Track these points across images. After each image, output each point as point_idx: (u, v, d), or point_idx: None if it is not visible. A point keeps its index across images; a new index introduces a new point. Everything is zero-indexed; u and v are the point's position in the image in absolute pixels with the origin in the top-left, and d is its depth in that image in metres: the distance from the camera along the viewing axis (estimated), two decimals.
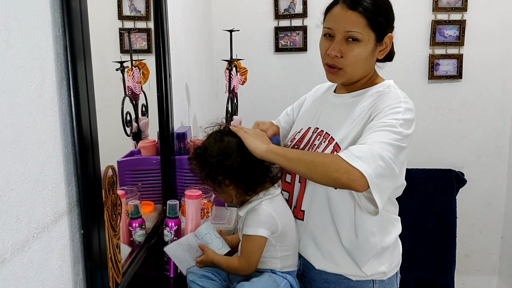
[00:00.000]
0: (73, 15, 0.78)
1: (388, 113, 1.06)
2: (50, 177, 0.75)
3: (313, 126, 1.24)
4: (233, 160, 1.09)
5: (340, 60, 1.11)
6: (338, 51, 1.10)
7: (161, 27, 1.46)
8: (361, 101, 1.15)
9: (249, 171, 1.11)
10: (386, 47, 1.13)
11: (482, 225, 2.83)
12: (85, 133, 0.82)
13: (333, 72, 1.14)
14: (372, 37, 1.09)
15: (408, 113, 1.07)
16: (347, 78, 1.15)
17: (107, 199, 0.92)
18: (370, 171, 0.97)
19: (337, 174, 0.98)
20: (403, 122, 1.04)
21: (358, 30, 1.08)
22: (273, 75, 2.75)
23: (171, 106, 1.54)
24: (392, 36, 1.13)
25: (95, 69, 0.86)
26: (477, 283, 2.88)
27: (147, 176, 1.47)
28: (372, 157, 0.98)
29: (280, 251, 1.16)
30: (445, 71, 2.65)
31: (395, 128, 1.03)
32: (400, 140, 1.03)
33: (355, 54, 1.09)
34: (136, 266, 1.15)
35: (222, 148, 1.11)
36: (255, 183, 1.14)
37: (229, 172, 1.10)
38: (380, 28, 1.09)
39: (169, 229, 1.28)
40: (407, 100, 1.11)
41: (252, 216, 1.13)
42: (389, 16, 1.12)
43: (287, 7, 2.66)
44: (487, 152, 2.74)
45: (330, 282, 1.20)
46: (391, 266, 1.20)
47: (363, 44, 1.09)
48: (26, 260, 0.69)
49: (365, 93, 1.16)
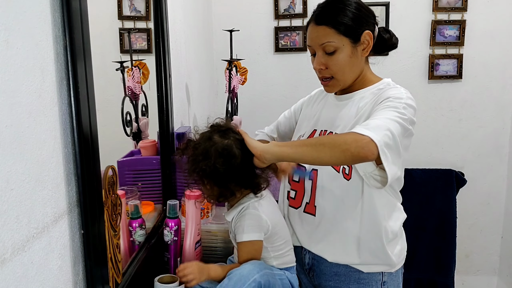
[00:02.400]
0: (73, 15, 0.78)
1: (391, 99, 1.10)
2: (50, 177, 0.75)
3: (318, 128, 1.27)
4: (208, 164, 1.07)
5: (327, 71, 1.19)
6: (322, 64, 1.18)
7: (161, 27, 1.46)
8: (363, 98, 1.19)
9: (224, 179, 1.09)
10: (368, 44, 1.17)
11: (482, 225, 2.83)
12: (85, 133, 0.82)
13: (326, 84, 1.22)
14: (346, 41, 1.15)
15: (410, 101, 1.11)
16: (341, 85, 1.21)
17: (107, 199, 0.92)
18: (379, 138, 0.98)
19: (346, 146, 0.98)
20: (406, 106, 1.08)
21: (329, 40, 1.15)
22: (273, 75, 2.75)
23: (171, 106, 1.54)
24: (370, 32, 1.16)
25: (95, 69, 0.85)
26: (477, 283, 2.88)
27: (147, 176, 1.47)
28: (379, 127, 1.01)
29: (272, 251, 1.17)
30: (445, 71, 2.65)
31: (399, 110, 1.06)
32: (405, 120, 1.06)
33: (336, 62, 1.16)
34: (136, 266, 1.15)
35: (207, 148, 1.09)
36: (229, 192, 1.13)
37: (204, 173, 1.09)
38: (350, 31, 1.15)
39: (169, 229, 1.28)
40: (408, 93, 1.15)
41: (242, 222, 1.13)
42: (359, 16, 1.16)
43: (287, 7, 2.66)
44: (487, 152, 2.74)
45: (341, 275, 1.22)
46: (399, 258, 1.23)
47: (339, 51, 1.15)
48: (26, 260, 0.69)
49: (366, 91, 1.21)
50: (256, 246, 1.13)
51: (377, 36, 1.21)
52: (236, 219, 1.15)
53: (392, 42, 1.25)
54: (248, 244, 1.12)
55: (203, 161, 1.08)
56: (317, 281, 1.27)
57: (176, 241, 1.29)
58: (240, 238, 1.13)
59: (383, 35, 1.23)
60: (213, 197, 1.15)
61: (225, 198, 1.15)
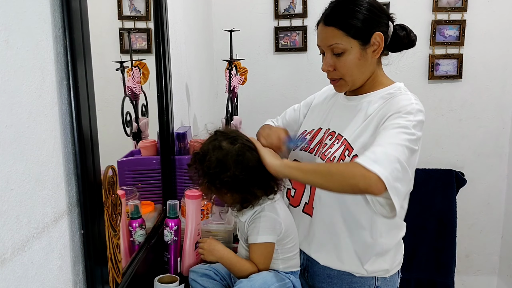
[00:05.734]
0: (73, 15, 0.78)
1: (401, 114, 1.07)
2: (50, 177, 0.75)
3: (324, 126, 1.25)
4: (230, 175, 1.07)
5: (335, 72, 1.16)
6: (330, 65, 1.15)
7: (161, 27, 1.46)
8: (372, 102, 1.16)
9: (246, 185, 1.09)
10: (379, 46, 1.13)
11: (482, 225, 2.83)
12: (85, 133, 0.82)
13: (335, 84, 1.19)
14: (354, 43, 1.11)
15: (420, 115, 1.09)
16: (350, 86, 1.18)
17: (107, 199, 0.92)
18: (387, 173, 0.97)
19: (354, 181, 0.98)
20: (415, 124, 1.06)
21: (337, 42, 1.12)
22: (273, 75, 2.75)
23: (171, 106, 1.54)
24: (380, 34, 1.12)
25: (95, 69, 0.85)
26: (477, 283, 2.88)
27: (147, 176, 1.47)
28: (388, 159, 0.98)
29: (282, 253, 1.16)
30: (445, 71, 2.65)
31: (409, 130, 1.04)
32: (413, 142, 1.04)
33: (344, 63, 1.13)
34: (136, 266, 1.15)
35: (220, 159, 1.08)
36: (252, 196, 1.12)
37: (226, 184, 1.09)
38: (360, 33, 1.11)
39: (169, 229, 1.28)
40: (418, 101, 1.13)
41: (258, 223, 1.13)
42: (370, 17, 1.11)
43: (287, 7, 2.66)
44: (487, 152, 2.74)
45: (333, 277, 1.21)
46: (393, 264, 1.21)
47: (347, 52, 1.12)
48: (26, 260, 0.69)
49: (376, 94, 1.17)
50: (269, 248, 1.13)
51: (392, 34, 1.17)
52: (250, 221, 1.14)
53: (410, 39, 1.20)
54: (261, 246, 1.12)
55: (223, 173, 1.07)
56: (311, 281, 1.26)
57: (176, 241, 1.29)
58: (254, 240, 1.12)
59: (399, 33, 1.18)
60: (236, 204, 1.15)
61: (249, 202, 1.13)
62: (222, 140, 1.11)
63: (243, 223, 1.16)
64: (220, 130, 1.16)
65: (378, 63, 1.19)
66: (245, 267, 1.13)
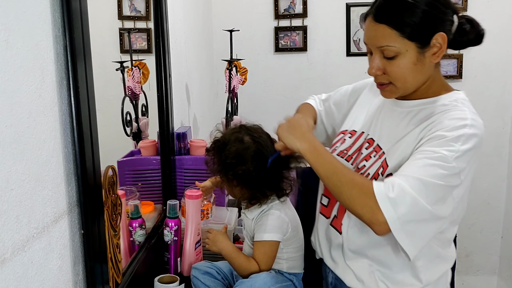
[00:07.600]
0: (73, 15, 0.78)
1: (447, 140, 0.91)
2: (50, 177, 0.75)
3: (365, 131, 1.10)
4: (245, 169, 1.08)
5: (384, 76, 0.98)
6: (378, 68, 0.97)
7: (161, 27, 1.46)
8: (421, 112, 1.00)
9: (258, 183, 1.11)
10: (440, 48, 0.94)
11: (482, 225, 2.83)
12: (85, 133, 0.82)
13: (383, 88, 1.01)
14: (411, 46, 0.93)
15: (472, 141, 0.92)
16: (401, 93, 1.00)
17: (107, 199, 0.92)
18: (395, 217, 0.88)
19: (361, 211, 0.91)
20: (460, 155, 0.90)
21: (390, 44, 0.93)
22: (273, 75, 2.75)
23: (171, 106, 1.54)
24: (443, 34, 0.93)
25: (95, 69, 0.86)
26: (477, 283, 2.88)
27: (147, 176, 1.47)
28: (404, 201, 0.88)
29: (286, 253, 1.17)
30: (445, 71, 2.65)
31: (447, 163, 0.89)
32: (451, 178, 0.90)
33: (397, 68, 0.95)
34: (136, 266, 1.15)
35: (239, 151, 1.10)
36: (261, 194, 1.14)
37: (239, 177, 1.11)
38: (418, 34, 0.92)
39: (169, 229, 1.28)
40: (474, 123, 0.95)
41: (265, 221, 1.13)
42: (431, 15, 0.92)
43: (287, 7, 2.66)
44: (487, 152, 2.74)
45: None
46: None
47: (401, 56, 0.93)
48: (26, 260, 0.69)
49: (428, 104, 1.00)
50: (274, 247, 1.13)
51: (456, 29, 0.97)
52: (258, 218, 1.15)
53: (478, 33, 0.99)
54: (266, 244, 1.12)
55: (239, 165, 1.09)
56: None
57: (176, 241, 1.29)
58: (260, 237, 1.13)
59: (465, 27, 0.97)
60: (244, 199, 1.16)
61: (258, 200, 1.15)
62: (245, 135, 1.13)
63: (250, 220, 1.17)
64: (245, 125, 1.17)
65: (436, 66, 1.01)
66: (244, 263, 1.13)
